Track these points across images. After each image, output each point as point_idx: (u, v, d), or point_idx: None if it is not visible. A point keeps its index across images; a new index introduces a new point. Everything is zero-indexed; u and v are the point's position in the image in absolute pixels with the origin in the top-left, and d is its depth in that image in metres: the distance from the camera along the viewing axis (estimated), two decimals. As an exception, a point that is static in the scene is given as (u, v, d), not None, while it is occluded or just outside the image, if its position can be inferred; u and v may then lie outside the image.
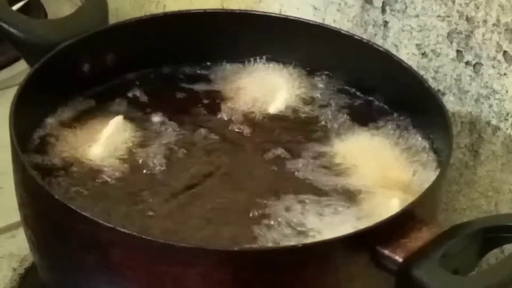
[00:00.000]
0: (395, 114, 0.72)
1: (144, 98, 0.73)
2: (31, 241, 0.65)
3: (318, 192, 0.65)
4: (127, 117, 0.71)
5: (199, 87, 0.75)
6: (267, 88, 0.74)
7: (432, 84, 0.74)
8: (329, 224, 0.62)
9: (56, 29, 0.72)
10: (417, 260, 0.57)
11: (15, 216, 0.74)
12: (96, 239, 0.58)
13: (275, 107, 0.73)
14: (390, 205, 0.63)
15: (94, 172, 0.66)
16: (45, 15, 1.01)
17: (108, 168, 0.66)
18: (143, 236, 0.57)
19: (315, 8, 0.84)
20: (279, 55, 0.76)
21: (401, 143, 0.70)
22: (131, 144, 0.69)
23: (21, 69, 0.93)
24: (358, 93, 0.75)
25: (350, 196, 0.65)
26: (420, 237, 0.58)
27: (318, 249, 0.57)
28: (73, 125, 0.70)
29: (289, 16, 0.76)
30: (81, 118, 0.71)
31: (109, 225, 0.57)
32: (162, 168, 0.67)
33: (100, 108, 0.72)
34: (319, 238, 0.60)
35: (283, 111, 0.73)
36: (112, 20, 0.76)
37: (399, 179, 0.66)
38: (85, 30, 0.72)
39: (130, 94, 0.73)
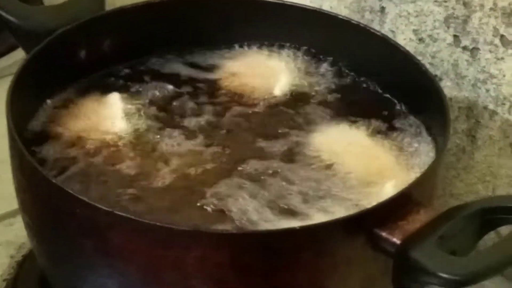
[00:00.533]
0: (392, 99, 0.73)
1: (140, 85, 0.73)
2: (28, 227, 0.65)
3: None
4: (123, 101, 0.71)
5: (197, 72, 0.75)
6: (266, 72, 0.74)
7: (429, 69, 0.74)
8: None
9: (53, 15, 0.72)
10: (414, 242, 0.57)
11: (13, 204, 0.74)
12: (94, 223, 0.58)
13: (279, 89, 0.73)
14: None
15: (91, 155, 0.66)
16: (41, 2, 1.01)
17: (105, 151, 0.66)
18: (141, 220, 0.57)
19: (313, -5, 0.84)
20: (276, 40, 0.76)
21: (397, 127, 0.70)
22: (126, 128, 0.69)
23: (18, 58, 0.93)
24: (355, 78, 0.75)
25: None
26: (418, 219, 0.58)
27: (316, 232, 0.57)
28: (70, 110, 0.70)
29: (286, 1, 0.75)
30: (78, 103, 0.71)
31: (107, 208, 0.57)
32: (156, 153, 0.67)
33: (96, 93, 0.72)
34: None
35: (280, 96, 0.73)
36: (109, 8, 0.76)
37: (393, 164, 0.66)
38: (82, 17, 0.72)
39: (125, 81, 0.73)
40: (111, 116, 0.69)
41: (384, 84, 0.73)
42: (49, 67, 0.70)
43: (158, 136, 0.68)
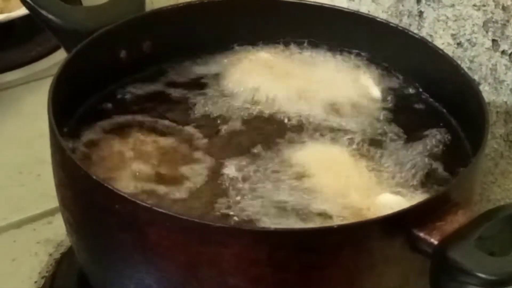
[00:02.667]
0: (431, 102, 0.73)
1: (180, 87, 0.74)
2: (68, 223, 0.65)
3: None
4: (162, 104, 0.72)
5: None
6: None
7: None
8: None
9: (94, 16, 0.73)
10: (452, 242, 0.57)
11: (52, 202, 0.76)
12: (133, 219, 0.58)
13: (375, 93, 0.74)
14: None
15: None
16: (80, 2, 1.03)
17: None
18: (179, 216, 0.57)
19: (350, -1, 0.84)
20: (315, 42, 0.77)
21: (435, 129, 0.70)
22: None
23: (58, 59, 0.95)
24: (394, 80, 0.75)
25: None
26: (456, 220, 0.58)
27: (354, 231, 0.57)
28: (110, 109, 0.71)
29: (325, 4, 0.76)
30: (118, 104, 0.71)
31: (146, 204, 0.57)
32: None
33: (136, 95, 0.73)
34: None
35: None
36: (148, 9, 0.77)
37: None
38: (122, 17, 0.72)
39: (165, 82, 0.74)
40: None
41: (422, 86, 0.74)
42: (89, 66, 0.70)
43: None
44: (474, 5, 0.75)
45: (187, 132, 0.69)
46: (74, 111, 0.70)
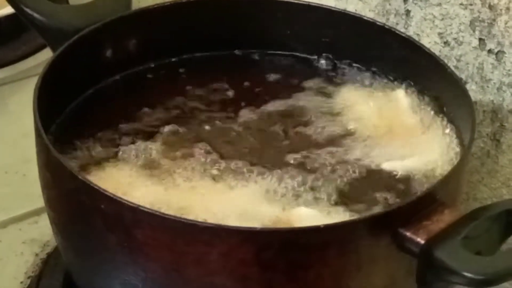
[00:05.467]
0: (417, 100, 0.73)
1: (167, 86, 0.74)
2: (54, 223, 0.65)
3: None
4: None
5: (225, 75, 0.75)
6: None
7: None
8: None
9: (79, 15, 0.72)
10: (439, 242, 0.57)
11: (38, 202, 0.75)
12: (118, 218, 0.58)
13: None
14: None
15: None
16: (67, 1, 1.02)
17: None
18: (165, 215, 0.57)
19: (337, -2, 0.84)
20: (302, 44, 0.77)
21: (422, 128, 0.70)
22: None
23: (44, 58, 0.94)
24: (379, 78, 0.75)
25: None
26: (442, 220, 0.58)
27: (340, 230, 0.57)
28: (95, 108, 0.70)
29: (311, 2, 0.76)
30: (103, 102, 0.71)
31: (132, 204, 0.57)
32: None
33: (124, 92, 0.72)
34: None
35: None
36: (134, 8, 0.76)
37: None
38: (108, 16, 0.72)
39: (150, 81, 0.74)
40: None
41: (408, 84, 0.74)
42: (75, 65, 0.70)
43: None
44: (461, 4, 0.75)
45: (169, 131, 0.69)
46: (59, 110, 0.70)
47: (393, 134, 0.70)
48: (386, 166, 0.66)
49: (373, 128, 0.70)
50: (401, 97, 0.72)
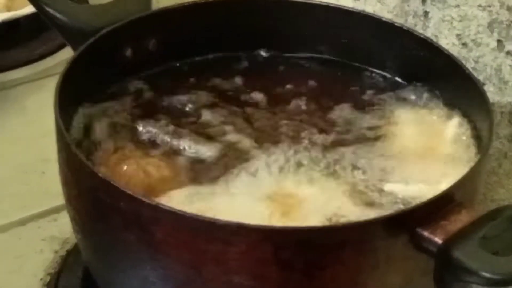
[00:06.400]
0: (435, 101, 0.73)
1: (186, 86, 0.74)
2: (74, 221, 0.65)
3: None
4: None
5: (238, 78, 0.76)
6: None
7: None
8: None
9: (100, 14, 0.73)
10: (456, 242, 0.57)
11: (57, 200, 0.76)
12: (138, 216, 0.58)
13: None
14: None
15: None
16: (86, 1, 1.03)
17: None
18: (184, 213, 0.57)
19: (355, 0, 0.84)
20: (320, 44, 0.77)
21: (439, 129, 0.70)
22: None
23: (63, 58, 0.95)
24: (398, 80, 0.75)
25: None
26: (460, 220, 0.58)
27: (358, 229, 0.58)
28: (114, 108, 0.71)
29: (330, 3, 0.76)
30: (122, 102, 0.72)
31: (151, 202, 0.58)
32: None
33: (143, 92, 0.73)
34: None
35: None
36: (154, 8, 0.77)
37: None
38: (128, 16, 0.72)
39: (170, 81, 0.74)
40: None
41: (427, 86, 0.74)
42: (95, 64, 0.71)
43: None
44: (480, 6, 0.75)
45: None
46: (80, 107, 0.70)
47: (420, 156, 0.68)
48: (389, 186, 0.65)
49: (405, 144, 0.69)
50: (452, 126, 0.70)
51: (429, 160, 0.67)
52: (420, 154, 0.68)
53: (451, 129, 0.70)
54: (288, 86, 0.75)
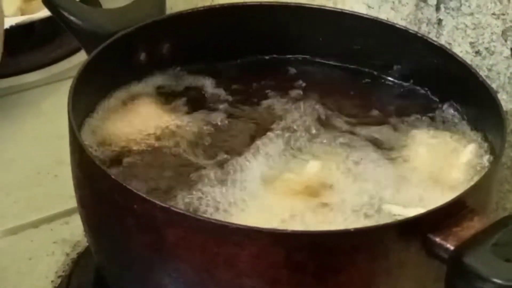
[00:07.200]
0: (448, 108, 0.73)
1: (200, 90, 0.75)
2: (86, 223, 0.66)
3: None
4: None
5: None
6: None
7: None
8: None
9: (114, 18, 0.73)
10: (468, 248, 0.57)
11: (69, 203, 0.77)
12: (150, 219, 0.58)
13: None
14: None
15: (147, 153, 0.67)
16: (100, 5, 1.04)
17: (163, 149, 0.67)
18: (197, 216, 0.58)
19: (369, 7, 0.84)
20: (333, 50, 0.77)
21: (453, 136, 0.70)
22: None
23: (78, 61, 0.95)
24: (411, 86, 0.75)
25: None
26: (472, 226, 0.58)
27: (370, 234, 0.58)
28: (127, 111, 0.71)
29: (344, 9, 0.76)
30: (136, 105, 0.72)
31: (164, 205, 0.58)
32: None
33: (154, 96, 0.73)
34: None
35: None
36: (169, 12, 0.77)
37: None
38: (142, 20, 0.73)
39: (184, 85, 0.75)
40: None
41: (440, 93, 0.74)
42: (109, 68, 0.71)
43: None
44: (493, 14, 0.75)
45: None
46: (93, 110, 0.71)
47: (429, 180, 0.67)
48: (387, 206, 0.65)
49: (417, 166, 0.68)
50: (467, 152, 0.69)
51: (435, 183, 0.67)
52: (428, 176, 0.67)
53: (465, 155, 0.69)
54: (299, 91, 0.75)
